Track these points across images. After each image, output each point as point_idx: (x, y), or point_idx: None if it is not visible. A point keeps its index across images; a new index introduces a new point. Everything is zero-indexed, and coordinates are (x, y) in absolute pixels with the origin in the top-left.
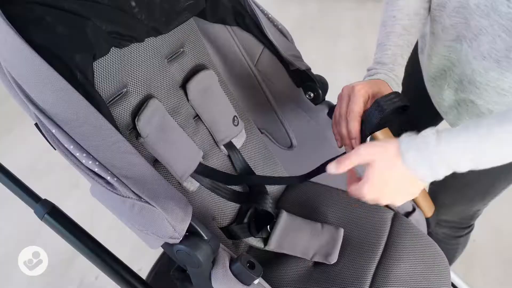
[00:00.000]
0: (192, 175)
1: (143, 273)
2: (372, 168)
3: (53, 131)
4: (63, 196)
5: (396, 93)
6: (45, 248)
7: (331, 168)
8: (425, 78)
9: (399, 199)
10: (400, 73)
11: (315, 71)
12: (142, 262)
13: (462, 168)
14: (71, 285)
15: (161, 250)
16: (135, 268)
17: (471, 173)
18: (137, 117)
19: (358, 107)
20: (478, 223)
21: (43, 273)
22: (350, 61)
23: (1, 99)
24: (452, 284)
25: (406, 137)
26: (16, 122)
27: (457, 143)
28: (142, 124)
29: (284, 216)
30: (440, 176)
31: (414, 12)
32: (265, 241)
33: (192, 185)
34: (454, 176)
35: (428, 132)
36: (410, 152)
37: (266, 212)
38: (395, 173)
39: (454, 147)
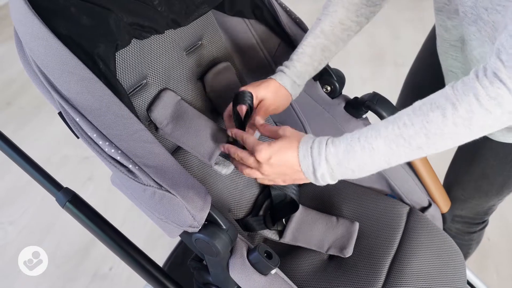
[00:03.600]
0: (225, 157)
1: None
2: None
3: (77, 119)
4: (77, 189)
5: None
6: (60, 239)
7: (259, 120)
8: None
9: (282, 182)
10: (302, 70)
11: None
12: (156, 254)
13: (346, 177)
14: (85, 275)
15: (174, 242)
16: None
17: (487, 166)
18: (149, 108)
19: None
20: (492, 220)
21: (59, 264)
22: (363, 56)
23: (18, 92)
24: (467, 281)
25: (303, 148)
26: (32, 115)
27: (340, 163)
28: (155, 115)
29: (299, 209)
30: (323, 184)
31: (338, 21)
32: (280, 233)
33: (225, 166)
34: (468, 171)
35: (321, 148)
36: (304, 161)
37: (282, 205)
38: (291, 170)
39: (339, 165)
